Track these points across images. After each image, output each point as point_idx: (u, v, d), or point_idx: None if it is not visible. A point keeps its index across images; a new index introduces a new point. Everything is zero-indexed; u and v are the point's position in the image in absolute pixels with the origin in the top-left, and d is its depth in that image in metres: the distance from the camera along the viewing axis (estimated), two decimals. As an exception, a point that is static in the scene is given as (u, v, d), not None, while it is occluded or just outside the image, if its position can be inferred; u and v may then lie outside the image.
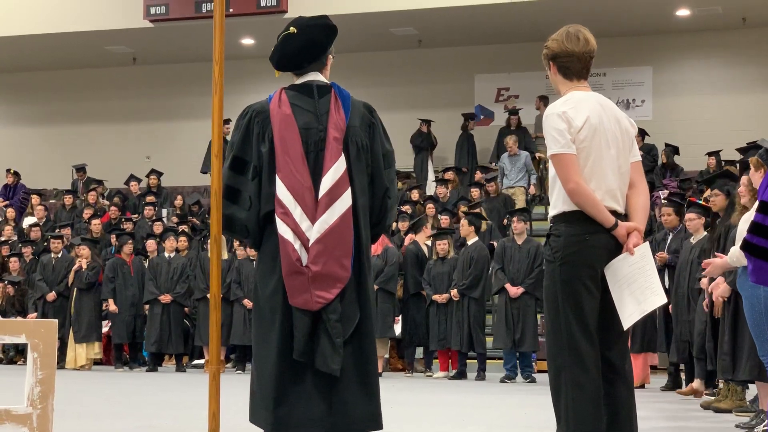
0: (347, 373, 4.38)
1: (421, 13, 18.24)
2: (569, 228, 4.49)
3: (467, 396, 10.76)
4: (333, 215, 4.38)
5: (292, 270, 4.36)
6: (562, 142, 4.47)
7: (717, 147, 16.89)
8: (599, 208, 4.45)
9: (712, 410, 8.98)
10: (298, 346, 4.36)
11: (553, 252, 4.52)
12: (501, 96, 20.49)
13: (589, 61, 4.62)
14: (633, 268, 4.44)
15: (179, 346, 15.12)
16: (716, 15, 18.32)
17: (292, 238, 4.36)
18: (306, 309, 4.35)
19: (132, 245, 15.67)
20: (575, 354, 4.43)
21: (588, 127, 4.49)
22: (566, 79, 4.64)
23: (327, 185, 4.40)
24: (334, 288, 4.37)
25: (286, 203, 4.39)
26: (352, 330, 4.41)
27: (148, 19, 19.19)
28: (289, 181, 4.40)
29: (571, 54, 4.59)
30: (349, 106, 4.54)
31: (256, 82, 19.62)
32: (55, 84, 22.46)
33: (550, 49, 4.64)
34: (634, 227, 4.49)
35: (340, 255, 4.38)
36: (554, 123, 4.50)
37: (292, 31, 4.55)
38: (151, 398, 10.53)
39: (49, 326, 3.38)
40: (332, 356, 4.34)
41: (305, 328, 4.36)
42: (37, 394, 3.31)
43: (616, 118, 4.60)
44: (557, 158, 4.49)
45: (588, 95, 4.59)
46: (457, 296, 13.34)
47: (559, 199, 4.53)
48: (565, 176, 4.46)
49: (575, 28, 4.64)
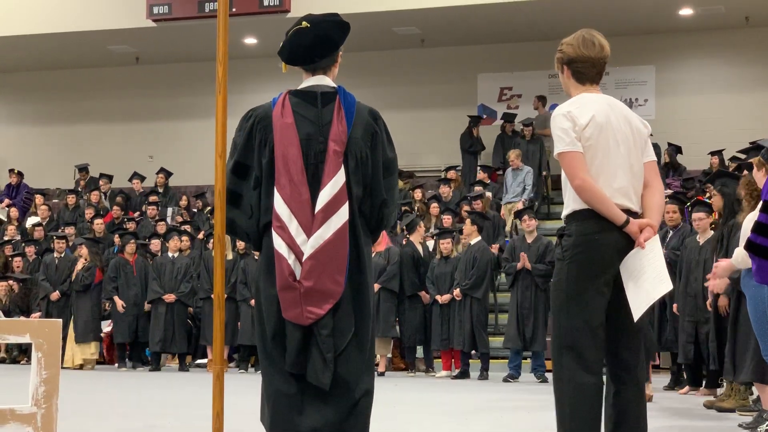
0: (343, 384, 4.37)
1: (424, 12, 18.24)
2: (579, 227, 4.50)
3: (470, 396, 10.76)
4: (328, 230, 4.34)
5: (285, 285, 4.34)
6: (567, 140, 4.49)
7: (720, 146, 16.90)
8: (608, 205, 4.46)
9: (715, 410, 8.98)
10: (289, 358, 4.36)
11: (563, 251, 4.54)
12: (504, 95, 20.49)
13: (603, 66, 4.68)
14: (643, 261, 4.46)
15: (183, 345, 15.14)
16: (719, 14, 18.31)
17: (286, 253, 4.34)
18: (298, 323, 4.36)
19: (135, 245, 15.68)
20: (577, 353, 4.44)
21: (593, 126, 4.50)
22: (579, 83, 4.67)
23: (324, 199, 4.36)
24: (326, 303, 4.34)
25: (283, 217, 4.37)
26: (346, 343, 4.39)
27: (151, 18, 19.21)
28: (287, 195, 4.37)
29: (587, 59, 4.63)
30: (353, 114, 4.49)
31: (258, 82, 19.64)
32: (59, 84, 22.48)
33: (566, 54, 4.66)
34: (647, 223, 4.50)
35: (334, 271, 4.35)
36: (559, 123, 4.53)
37: (305, 26, 4.50)
38: (155, 398, 10.53)
39: (53, 326, 3.38)
40: (323, 370, 4.33)
41: (297, 341, 4.35)
42: (42, 394, 3.31)
43: (626, 118, 4.62)
44: (563, 156, 4.51)
45: (597, 97, 4.62)
46: (460, 296, 13.34)
47: (570, 198, 4.56)
48: (571, 173, 4.48)
49: (590, 34, 4.67)
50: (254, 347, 13.72)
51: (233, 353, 15.21)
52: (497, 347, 14.06)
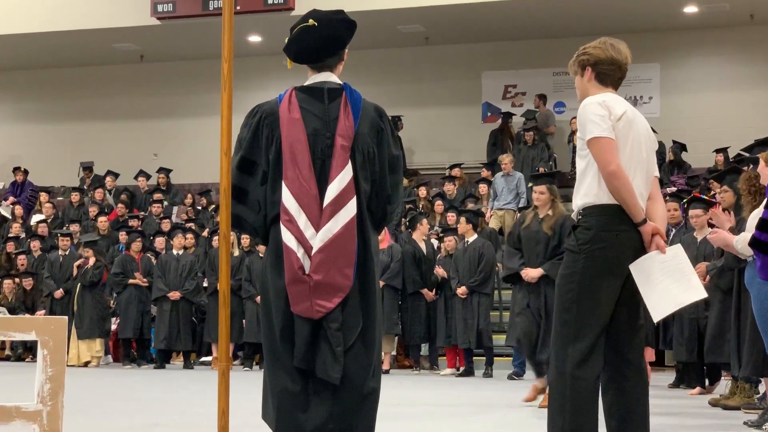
0: (349, 380, 4.36)
1: (429, 10, 18.23)
2: (601, 222, 4.45)
3: (474, 393, 10.76)
4: (337, 224, 4.35)
5: (294, 278, 4.34)
6: (604, 126, 4.45)
7: (725, 144, 16.86)
8: (634, 197, 4.42)
9: (720, 407, 8.98)
10: (298, 353, 4.34)
11: (579, 244, 4.47)
12: (508, 93, 20.48)
13: (625, 73, 4.69)
14: (665, 265, 4.41)
15: (188, 343, 15.16)
16: (724, 12, 18.29)
17: (295, 246, 4.34)
18: (307, 317, 4.36)
19: (141, 242, 15.71)
20: (579, 348, 4.42)
21: (625, 120, 4.50)
22: (602, 85, 4.66)
23: (332, 194, 4.37)
24: (336, 297, 4.34)
25: (292, 211, 4.37)
26: (354, 338, 4.38)
27: (156, 16, 19.23)
28: (295, 189, 4.38)
29: (615, 62, 4.64)
30: (360, 110, 4.49)
31: (262, 79, 19.66)
32: (63, 82, 22.50)
33: (593, 56, 4.65)
34: (659, 230, 4.49)
35: (343, 264, 4.35)
36: (595, 110, 4.49)
37: (311, 24, 4.49)
38: (160, 395, 10.54)
39: (59, 323, 3.38)
40: (332, 365, 4.31)
41: (306, 335, 4.34)
42: (47, 391, 3.31)
43: (645, 125, 4.65)
44: (597, 141, 4.44)
45: (621, 98, 4.64)
46: (465, 293, 13.31)
47: (592, 188, 4.49)
48: (606, 159, 4.41)
49: (614, 41, 4.71)
50: (259, 345, 13.73)
51: (238, 351, 15.22)
52: (500, 345, 14.03)
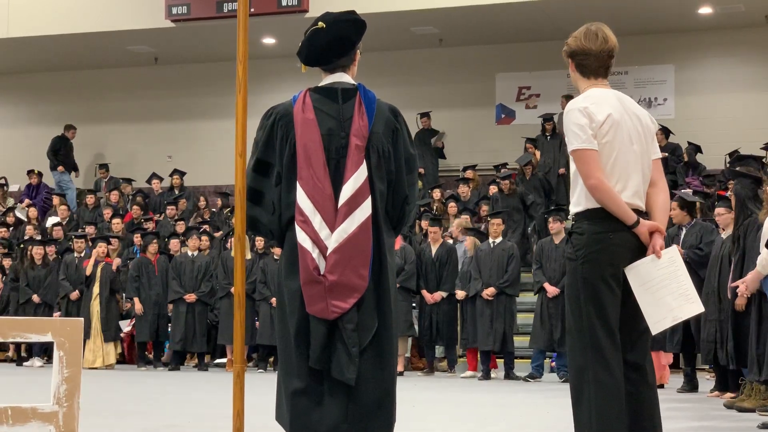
0: (364, 382, 4.35)
1: (442, 12, 18.22)
2: (592, 225, 4.45)
3: (491, 395, 10.75)
4: (352, 224, 4.34)
5: (309, 279, 4.33)
6: (584, 137, 4.43)
7: (739, 145, 16.79)
8: (620, 205, 4.41)
9: (735, 409, 8.94)
10: (313, 354, 4.34)
11: (575, 250, 4.48)
12: (522, 95, 20.45)
13: (607, 60, 4.59)
14: (662, 272, 4.38)
15: (203, 345, 15.19)
16: (739, 13, 18.22)
17: (310, 247, 4.34)
18: (322, 318, 4.35)
19: (157, 244, 15.74)
20: (598, 353, 4.39)
21: (610, 123, 4.46)
22: (584, 76, 4.63)
23: (347, 194, 4.36)
24: (351, 297, 4.34)
25: (306, 211, 4.36)
26: (369, 338, 4.37)
27: (170, 19, 19.26)
28: (309, 189, 4.37)
29: (588, 52, 4.57)
30: (374, 110, 4.49)
31: (276, 82, 19.66)
32: (77, 84, 22.56)
33: (569, 46, 4.64)
34: (656, 227, 4.45)
35: (358, 264, 4.35)
36: (575, 118, 4.47)
37: (320, 26, 4.50)
38: (175, 397, 10.57)
39: (75, 324, 3.40)
40: (348, 365, 4.31)
41: (321, 336, 4.33)
42: (63, 392, 3.33)
43: (636, 115, 4.57)
44: (578, 154, 4.45)
45: (607, 92, 4.57)
46: (491, 294, 13.22)
47: (582, 195, 4.49)
48: (586, 172, 4.42)
49: (596, 26, 4.62)
50: (274, 347, 13.74)
51: (252, 353, 15.23)
52: (518, 347, 13.99)
